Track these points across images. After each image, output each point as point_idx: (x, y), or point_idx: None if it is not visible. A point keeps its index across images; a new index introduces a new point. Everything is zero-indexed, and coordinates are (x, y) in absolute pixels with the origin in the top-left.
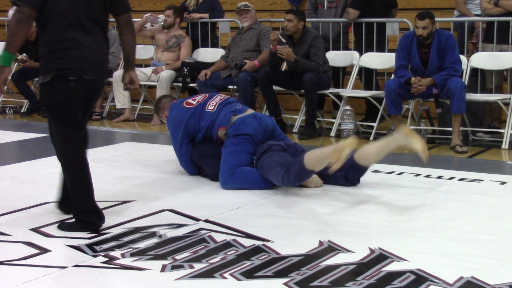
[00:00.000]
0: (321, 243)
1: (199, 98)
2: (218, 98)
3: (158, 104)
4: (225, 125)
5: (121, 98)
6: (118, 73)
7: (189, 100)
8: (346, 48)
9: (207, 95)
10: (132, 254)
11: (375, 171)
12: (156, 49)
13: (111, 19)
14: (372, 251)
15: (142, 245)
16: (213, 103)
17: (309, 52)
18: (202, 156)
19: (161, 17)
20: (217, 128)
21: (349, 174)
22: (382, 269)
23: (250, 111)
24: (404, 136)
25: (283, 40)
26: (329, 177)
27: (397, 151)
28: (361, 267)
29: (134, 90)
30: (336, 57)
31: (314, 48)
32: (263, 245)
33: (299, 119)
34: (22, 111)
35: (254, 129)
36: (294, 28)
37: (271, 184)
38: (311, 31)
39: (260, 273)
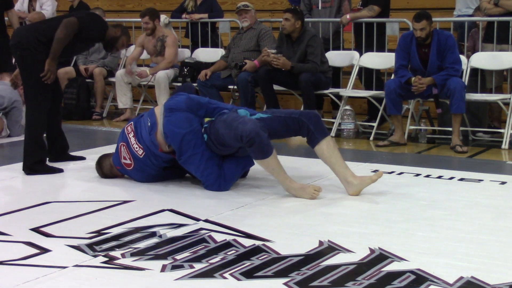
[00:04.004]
0: (321, 243)
1: (124, 152)
2: (131, 136)
3: (106, 175)
4: (157, 145)
5: (123, 98)
6: (119, 73)
7: (123, 161)
8: (339, 47)
9: (124, 144)
10: (132, 254)
11: (375, 171)
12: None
13: (118, 19)
14: (372, 251)
15: (142, 245)
16: (136, 147)
17: (306, 52)
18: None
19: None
20: (160, 154)
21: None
22: (382, 269)
23: (158, 110)
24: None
25: (273, 51)
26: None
27: (396, 151)
28: (361, 267)
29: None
30: (336, 57)
31: (311, 48)
32: (263, 245)
33: None
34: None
35: (186, 122)
36: (292, 27)
37: (251, 161)
38: (308, 31)
39: (260, 273)
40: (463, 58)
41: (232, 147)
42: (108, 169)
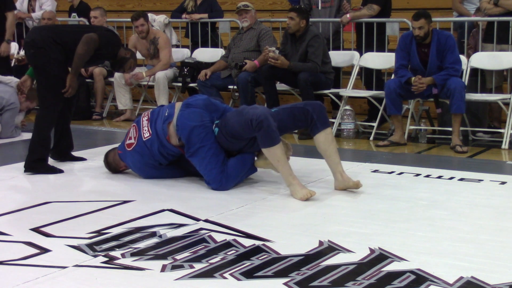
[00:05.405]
0: (321, 243)
1: (132, 133)
2: (145, 120)
3: (110, 164)
4: (166, 133)
5: (122, 99)
6: (118, 74)
7: (127, 142)
8: (339, 47)
9: (135, 125)
10: (132, 254)
11: (375, 171)
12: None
13: (118, 19)
14: (372, 251)
15: (142, 245)
16: (145, 129)
17: (307, 51)
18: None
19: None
20: (167, 144)
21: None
22: (382, 269)
23: (178, 105)
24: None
25: (272, 49)
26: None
27: (396, 151)
28: (361, 267)
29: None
30: (336, 57)
31: (312, 48)
32: (263, 245)
33: None
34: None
35: (198, 116)
36: (296, 27)
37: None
38: (310, 31)
39: (260, 273)
40: (463, 58)
41: (242, 138)
42: (112, 157)
